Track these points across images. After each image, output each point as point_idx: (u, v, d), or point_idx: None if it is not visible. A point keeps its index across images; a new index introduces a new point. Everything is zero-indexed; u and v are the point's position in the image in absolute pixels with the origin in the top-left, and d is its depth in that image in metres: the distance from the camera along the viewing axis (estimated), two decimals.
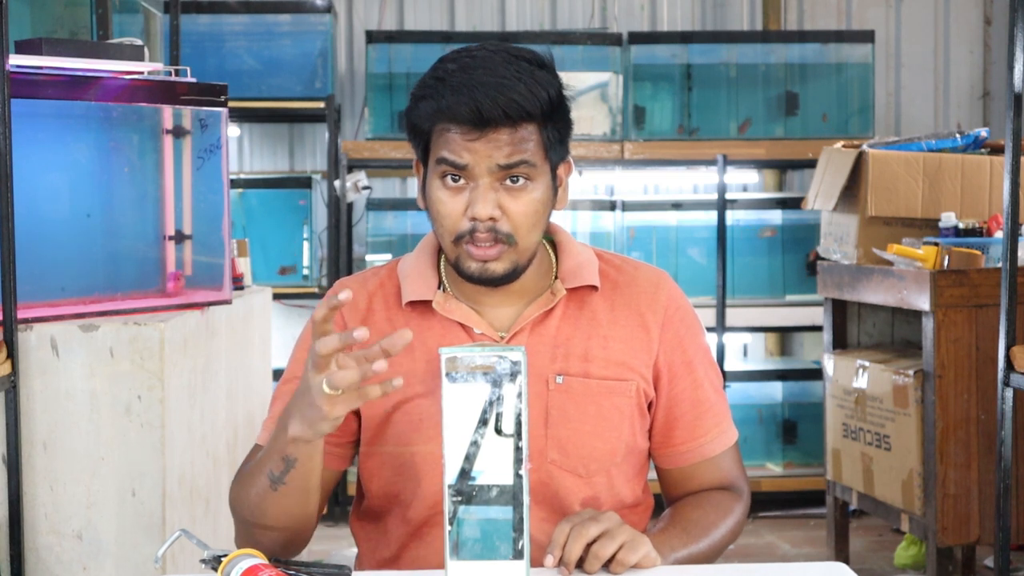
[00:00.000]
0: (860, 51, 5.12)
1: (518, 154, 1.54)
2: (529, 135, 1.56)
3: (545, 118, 1.57)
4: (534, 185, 1.58)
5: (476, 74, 1.53)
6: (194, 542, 1.44)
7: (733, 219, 5.05)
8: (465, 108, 1.52)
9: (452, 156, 1.55)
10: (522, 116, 1.54)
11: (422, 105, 1.57)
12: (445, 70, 1.56)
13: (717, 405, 1.73)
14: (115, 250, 2.58)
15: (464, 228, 1.56)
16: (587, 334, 1.67)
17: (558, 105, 1.59)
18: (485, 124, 1.53)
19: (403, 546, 1.67)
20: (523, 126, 1.55)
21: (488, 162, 1.54)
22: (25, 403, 2.31)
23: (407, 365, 1.63)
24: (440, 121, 1.55)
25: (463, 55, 1.57)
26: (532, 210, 1.57)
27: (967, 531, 3.39)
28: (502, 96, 1.52)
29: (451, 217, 1.57)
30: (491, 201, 1.55)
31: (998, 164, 3.68)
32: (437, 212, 1.58)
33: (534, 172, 1.57)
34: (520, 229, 1.57)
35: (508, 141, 1.54)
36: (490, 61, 1.54)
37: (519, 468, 1.31)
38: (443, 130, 1.56)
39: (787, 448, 5.07)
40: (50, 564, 2.33)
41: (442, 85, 1.54)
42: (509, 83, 1.53)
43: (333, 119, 4.79)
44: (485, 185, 1.55)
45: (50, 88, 2.39)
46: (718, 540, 1.65)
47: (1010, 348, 2.92)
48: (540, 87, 1.55)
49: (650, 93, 5.05)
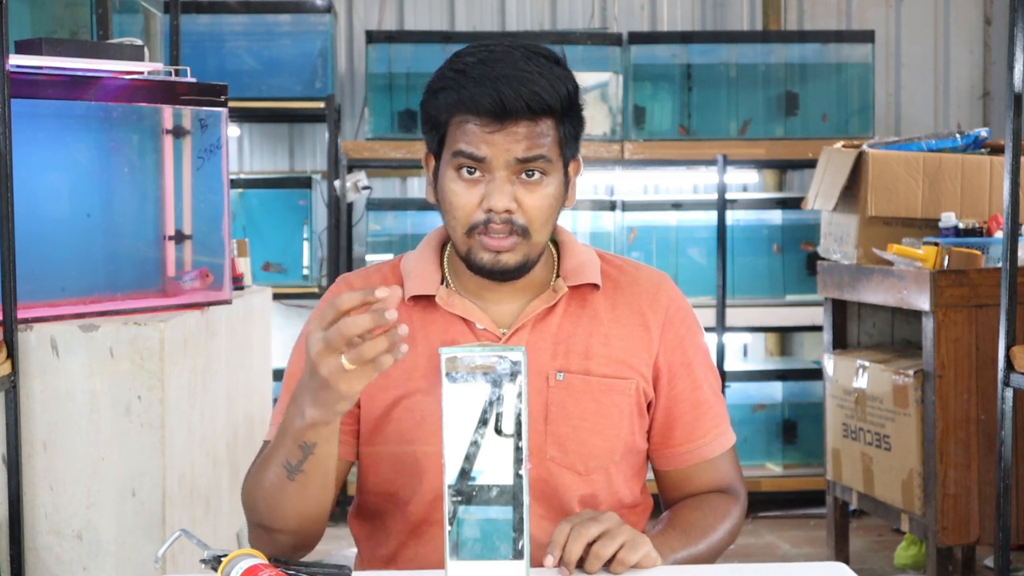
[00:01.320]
0: (860, 51, 5.12)
1: (536, 148, 1.56)
2: (547, 130, 1.57)
3: (563, 114, 1.58)
4: (549, 180, 1.59)
5: (498, 67, 1.54)
6: (194, 542, 1.44)
7: (733, 219, 5.05)
8: (488, 99, 1.53)
9: (470, 148, 1.55)
10: (543, 110, 1.55)
11: (441, 96, 1.58)
12: (464, 63, 1.56)
13: (716, 407, 1.74)
14: (115, 250, 2.58)
15: (478, 219, 1.57)
16: (588, 331, 1.67)
17: (574, 102, 1.60)
18: (506, 116, 1.53)
19: (402, 544, 1.67)
20: (542, 120, 1.56)
21: (507, 155, 1.55)
22: (25, 403, 2.31)
23: (409, 360, 1.63)
24: (459, 113, 1.56)
25: (481, 49, 1.58)
26: (547, 204, 1.59)
27: (967, 531, 3.39)
28: (525, 88, 1.53)
29: (465, 209, 1.58)
30: (508, 193, 1.56)
31: (998, 164, 3.68)
32: (451, 204, 1.59)
33: (549, 167, 1.58)
34: (534, 223, 1.58)
35: (527, 135, 1.55)
36: (510, 56, 1.55)
37: (519, 468, 1.31)
38: (461, 122, 1.56)
39: (787, 448, 5.07)
40: (50, 564, 2.33)
41: (463, 77, 1.55)
42: (531, 76, 1.54)
43: (333, 119, 4.79)
44: (502, 178, 1.56)
45: (50, 88, 2.39)
46: (716, 542, 1.66)
47: (1010, 348, 2.92)
48: (560, 82, 1.57)
49: (650, 93, 5.05)
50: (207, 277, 2.66)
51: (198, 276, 2.66)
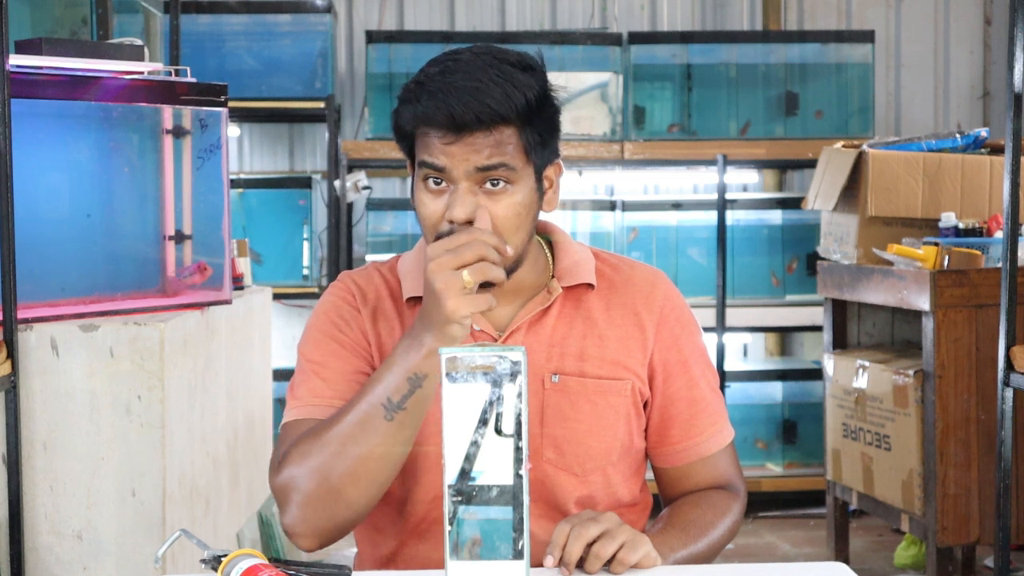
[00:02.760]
0: (860, 51, 5.12)
1: (496, 156, 1.54)
2: (507, 138, 1.55)
3: (524, 121, 1.56)
4: (515, 188, 1.57)
5: (454, 78, 1.53)
6: (194, 542, 1.44)
7: (733, 219, 5.05)
8: (440, 113, 1.53)
9: (431, 159, 1.56)
10: (496, 120, 1.53)
11: (404, 109, 1.58)
12: (427, 74, 1.57)
13: (713, 404, 1.74)
14: (115, 250, 2.58)
15: (443, 230, 1.56)
16: (583, 333, 1.67)
17: (539, 108, 1.57)
18: (460, 128, 1.53)
19: (402, 543, 1.67)
20: (499, 129, 1.54)
21: (466, 165, 1.54)
22: (25, 403, 2.31)
23: None
24: (421, 124, 1.56)
25: (447, 58, 1.58)
26: (513, 213, 1.57)
27: (967, 531, 3.39)
28: (475, 101, 1.52)
29: (431, 219, 1.58)
30: (469, 204, 1.54)
31: (998, 164, 3.68)
32: (420, 213, 1.60)
33: (514, 175, 1.56)
34: (502, 232, 1.56)
35: (484, 144, 1.54)
36: (471, 65, 1.54)
37: (519, 468, 1.31)
38: (423, 134, 1.57)
39: (787, 448, 5.07)
40: (50, 564, 2.33)
41: (421, 89, 1.55)
42: (484, 87, 1.53)
43: (333, 119, 4.79)
44: (464, 188, 1.55)
45: (50, 88, 2.39)
46: (716, 540, 1.66)
47: (1010, 348, 2.92)
48: (517, 91, 1.54)
49: (650, 93, 5.05)
50: (205, 271, 2.66)
51: (196, 270, 2.66)
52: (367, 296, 1.70)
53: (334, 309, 1.69)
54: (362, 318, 1.68)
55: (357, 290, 1.71)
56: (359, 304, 1.69)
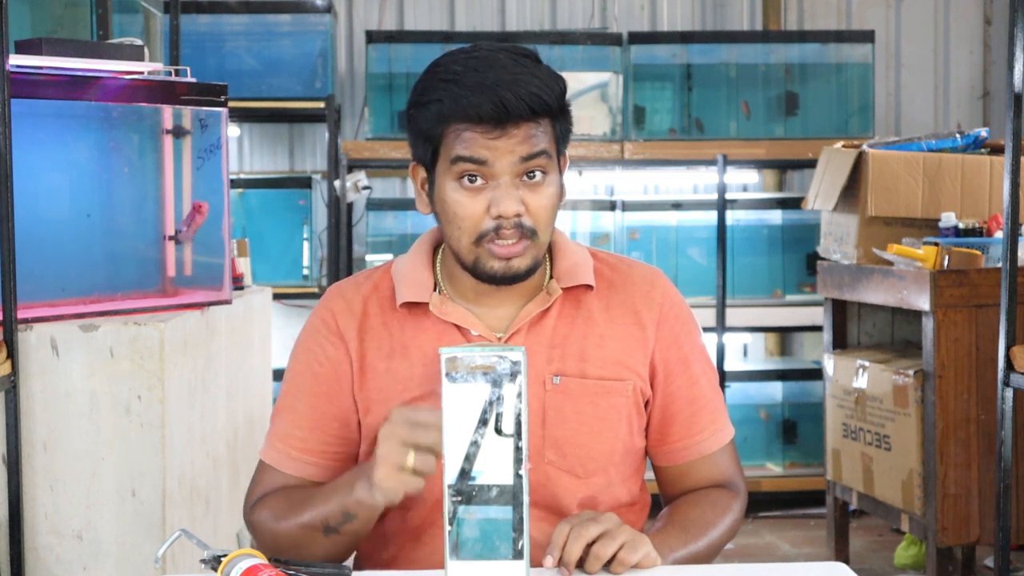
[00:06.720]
0: (860, 51, 5.12)
1: (537, 147, 1.55)
2: (545, 129, 1.57)
3: (557, 111, 1.59)
4: (549, 179, 1.59)
5: (491, 73, 1.53)
6: (194, 542, 1.44)
7: (733, 219, 5.04)
8: (489, 105, 1.52)
9: (471, 154, 1.54)
10: (543, 109, 1.55)
11: (433, 107, 1.56)
12: (452, 71, 1.55)
13: (713, 402, 1.73)
14: (115, 250, 2.58)
15: (487, 227, 1.56)
16: (583, 334, 1.67)
17: (565, 99, 1.61)
18: (507, 120, 1.53)
19: (402, 547, 1.67)
20: (541, 120, 1.56)
21: (510, 157, 1.54)
22: (25, 403, 2.31)
23: (404, 369, 1.63)
24: (455, 122, 1.55)
25: (465, 56, 1.57)
26: (551, 204, 1.59)
27: (967, 531, 3.39)
28: (524, 90, 1.53)
29: (472, 218, 1.57)
30: (515, 198, 1.56)
31: (998, 164, 3.68)
32: (455, 215, 1.58)
33: (550, 166, 1.58)
34: (540, 223, 1.58)
35: (526, 136, 1.55)
36: (496, 60, 1.55)
37: (519, 468, 1.31)
38: (458, 131, 1.55)
39: (787, 448, 5.07)
40: (50, 564, 2.33)
41: (455, 86, 1.54)
42: (525, 78, 1.54)
43: (333, 119, 4.79)
44: (507, 183, 1.55)
45: (50, 88, 2.39)
46: (717, 538, 1.65)
47: (1010, 348, 2.92)
48: (552, 81, 1.58)
49: (650, 93, 5.05)
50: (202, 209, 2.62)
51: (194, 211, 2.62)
52: (354, 309, 1.68)
53: (313, 337, 1.69)
54: (343, 343, 1.66)
55: (343, 307, 1.68)
56: (342, 327, 1.67)
